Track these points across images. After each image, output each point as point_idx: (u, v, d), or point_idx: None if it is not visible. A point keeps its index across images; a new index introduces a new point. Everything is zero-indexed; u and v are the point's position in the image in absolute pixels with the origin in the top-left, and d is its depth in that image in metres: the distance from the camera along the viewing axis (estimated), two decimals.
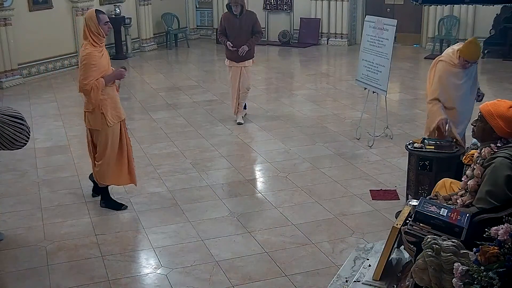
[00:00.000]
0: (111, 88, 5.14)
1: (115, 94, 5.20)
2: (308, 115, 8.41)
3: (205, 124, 7.99)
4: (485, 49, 12.70)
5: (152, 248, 4.64)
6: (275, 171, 6.26)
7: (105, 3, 12.69)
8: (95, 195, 5.56)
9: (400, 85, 10.35)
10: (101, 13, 5.05)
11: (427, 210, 2.99)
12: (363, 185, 5.82)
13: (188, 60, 13.49)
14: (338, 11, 14.24)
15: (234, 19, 7.71)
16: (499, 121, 3.29)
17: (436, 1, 6.69)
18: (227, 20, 7.80)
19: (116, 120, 5.13)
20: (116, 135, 5.17)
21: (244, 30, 7.73)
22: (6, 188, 5.89)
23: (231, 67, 7.94)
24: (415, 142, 5.17)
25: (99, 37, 4.99)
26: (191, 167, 6.38)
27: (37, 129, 7.57)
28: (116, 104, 5.16)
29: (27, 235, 4.91)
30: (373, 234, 4.78)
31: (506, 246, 2.41)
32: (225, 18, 7.85)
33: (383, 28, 6.84)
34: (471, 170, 3.47)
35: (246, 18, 7.78)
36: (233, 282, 4.15)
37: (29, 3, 10.77)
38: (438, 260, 2.58)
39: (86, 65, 4.90)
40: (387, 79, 6.81)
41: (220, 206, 5.39)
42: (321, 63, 12.91)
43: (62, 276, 4.26)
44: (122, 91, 10.14)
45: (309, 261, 4.41)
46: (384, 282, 3.13)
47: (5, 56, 10.23)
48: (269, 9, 15.15)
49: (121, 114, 5.20)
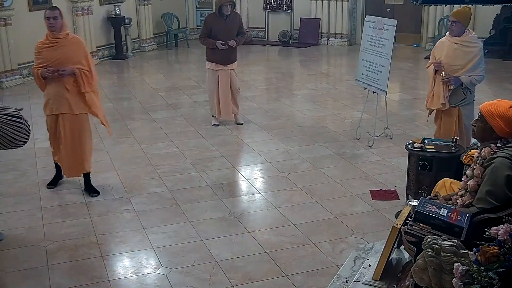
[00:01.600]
0: (53, 81, 5.36)
1: (56, 89, 5.39)
2: (308, 115, 8.41)
3: (205, 124, 7.99)
4: (485, 49, 12.68)
5: (152, 248, 4.64)
6: (275, 171, 6.26)
7: (105, 3, 12.70)
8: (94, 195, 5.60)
9: (400, 85, 10.35)
10: (49, 8, 5.45)
11: (427, 210, 2.99)
12: (363, 185, 5.82)
13: (188, 60, 13.49)
14: (338, 11, 14.25)
15: (221, 20, 7.46)
16: (499, 121, 3.29)
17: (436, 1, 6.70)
18: (213, 22, 7.50)
19: (48, 112, 5.47)
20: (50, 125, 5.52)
21: (232, 32, 7.54)
22: (6, 188, 5.89)
23: (216, 71, 7.64)
24: (415, 142, 5.17)
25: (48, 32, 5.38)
26: (191, 167, 6.39)
27: (37, 129, 7.56)
28: (52, 97, 5.43)
29: (27, 235, 4.91)
30: (373, 234, 4.78)
31: (506, 246, 2.41)
32: (211, 20, 7.55)
33: (383, 28, 6.84)
34: (471, 170, 3.47)
35: (233, 19, 7.58)
36: (233, 282, 4.15)
37: (29, 3, 10.78)
38: (438, 260, 2.58)
39: (34, 53, 5.48)
40: (387, 79, 6.81)
41: (220, 206, 5.39)
42: (321, 63, 12.91)
43: (62, 276, 4.26)
44: (122, 91, 10.25)
45: (309, 261, 4.41)
46: (384, 282, 3.13)
47: (5, 56, 10.24)
48: (269, 9, 15.16)
49: (54, 108, 5.43)
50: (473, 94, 5.52)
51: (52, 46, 5.33)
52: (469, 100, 5.51)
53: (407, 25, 13.74)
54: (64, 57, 5.31)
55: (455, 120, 5.51)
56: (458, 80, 5.38)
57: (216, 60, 7.59)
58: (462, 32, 5.39)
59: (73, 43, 5.41)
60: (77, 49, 5.40)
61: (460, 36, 5.38)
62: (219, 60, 7.57)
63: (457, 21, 5.37)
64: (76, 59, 5.35)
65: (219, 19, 7.46)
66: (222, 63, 7.59)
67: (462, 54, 5.37)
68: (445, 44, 5.50)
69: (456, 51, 5.38)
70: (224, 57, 7.55)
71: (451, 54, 5.41)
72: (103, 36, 12.74)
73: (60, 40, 5.34)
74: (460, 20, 5.36)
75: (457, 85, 5.39)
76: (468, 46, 5.37)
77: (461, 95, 5.46)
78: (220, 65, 7.59)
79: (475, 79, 5.38)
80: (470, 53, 5.36)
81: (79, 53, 5.39)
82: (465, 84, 5.37)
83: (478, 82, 5.46)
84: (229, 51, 7.55)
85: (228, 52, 7.55)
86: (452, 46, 5.42)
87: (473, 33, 5.47)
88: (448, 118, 5.55)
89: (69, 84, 5.36)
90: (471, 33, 5.46)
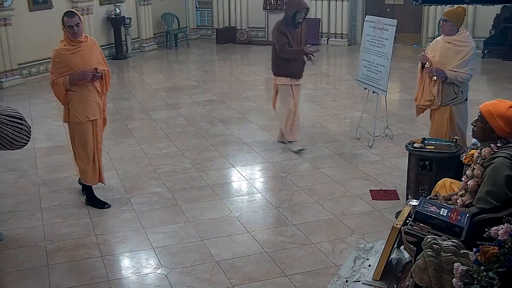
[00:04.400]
0: (82, 86, 5.16)
1: (86, 93, 5.20)
2: (308, 115, 8.41)
3: (205, 124, 7.99)
4: (485, 49, 12.72)
5: (152, 248, 4.64)
6: (275, 171, 6.26)
7: (105, 3, 12.70)
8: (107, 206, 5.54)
9: (400, 85, 10.35)
10: (68, 16, 5.10)
11: (427, 210, 2.99)
12: (363, 185, 5.82)
13: (188, 60, 13.49)
14: (338, 11, 14.25)
15: (293, 29, 6.52)
16: (499, 121, 3.30)
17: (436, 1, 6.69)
18: (289, 31, 6.50)
19: (82, 119, 5.20)
20: (83, 133, 5.25)
21: (303, 40, 6.70)
22: (6, 188, 5.89)
23: (290, 86, 6.65)
24: (415, 142, 5.17)
25: (68, 38, 5.11)
26: (191, 167, 6.39)
27: (37, 129, 7.56)
28: (84, 103, 5.19)
29: (27, 235, 4.90)
30: (373, 234, 4.78)
31: (506, 246, 2.41)
32: (286, 28, 6.50)
33: (383, 28, 6.84)
34: (471, 170, 3.47)
35: (304, 26, 6.71)
36: (233, 282, 4.15)
37: (29, 3, 10.77)
38: (438, 260, 2.58)
39: (51, 61, 5.20)
40: (387, 79, 6.81)
41: (220, 206, 5.39)
42: (321, 63, 12.90)
43: (62, 276, 4.26)
44: (122, 91, 10.25)
45: (309, 261, 4.40)
46: (384, 282, 3.13)
47: (5, 56, 10.23)
48: (269, 9, 15.16)
49: (89, 114, 5.24)
50: (465, 93, 5.46)
51: (75, 52, 5.12)
52: (461, 99, 5.44)
53: (407, 25, 13.74)
54: (88, 61, 5.14)
55: (447, 119, 5.48)
56: (441, 72, 5.37)
57: (291, 74, 6.61)
58: (453, 31, 5.39)
59: (92, 45, 5.28)
60: (97, 51, 5.30)
61: (453, 36, 5.39)
62: (293, 73, 6.62)
63: (447, 20, 5.39)
64: (98, 61, 5.25)
65: (292, 27, 6.52)
66: (297, 76, 6.68)
67: (454, 54, 5.36)
68: (439, 43, 5.52)
69: (448, 50, 5.38)
70: (299, 70, 6.67)
71: (443, 53, 5.41)
72: (103, 36, 12.73)
73: (82, 44, 5.16)
74: (451, 20, 5.36)
75: (440, 77, 5.38)
76: (460, 45, 5.37)
77: (452, 94, 5.42)
78: (294, 79, 6.67)
79: (461, 76, 5.32)
80: (461, 52, 5.34)
81: (99, 54, 5.30)
82: (449, 79, 5.35)
83: (464, 80, 5.38)
84: (303, 62, 6.70)
85: (303, 64, 6.71)
86: (445, 45, 5.43)
87: (467, 33, 5.47)
88: (440, 117, 5.55)
89: (98, 87, 5.26)
90: (465, 32, 5.45)
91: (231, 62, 13.68)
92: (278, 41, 6.51)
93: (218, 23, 15.66)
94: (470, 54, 5.34)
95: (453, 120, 5.47)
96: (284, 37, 6.48)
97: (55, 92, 5.19)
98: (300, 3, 6.57)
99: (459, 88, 5.40)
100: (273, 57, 6.74)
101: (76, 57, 5.10)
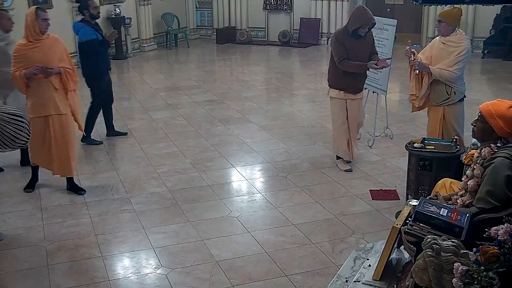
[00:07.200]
0: (37, 82, 5.32)
1: (43, 89, 5.36)
2: (308, 115, 8.41)
3: (205, 124, 7.99)
4: (485, 49, 12.72)
5: (152, 248, 4.64)
6: (275, 171, 6.26)
7: (105, 3, 12.69)
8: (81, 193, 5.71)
9: (400, 85, 10.34)
10: (42, 10, 5.41)
11: (427, 210, 2.99)
12: (363, 185, 5.82)
13: (188, 60, 13.49)
14: (338, 11, 14.26)
15: (356, 41, 5.91)
16: (499, 121, 3.29)
17: (436, 1, 6.67)
18: (348, 42, 5.90)
19: (35, 114, 5.36)
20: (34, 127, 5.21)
21: (367, 52, 6.05)
22: (6, 188, 5.89)
23: (344, 100, 6.07)
24: (415, 142, 5.17)
25: (33, 33, 5.29)
26: (191, 167, 6.38)
27: None
28: (38, 98, 5.37)
29: (27, 235, 4.91)
30: (373, 234, 4.78)
31: (506, 246, 2.41)
32: (345, 40, 5.90)
33: (383, 28, 6.85)
34: (471, 170, 3.47)
35: (368, 37, 6.06)
36: (233, 282, 4.15)
37: (29, 3, 10.76)
38: (438, 260, 2.58)
39: (12, 56, 5.39)
40: (387, 79, 6.81)
41: (220, 206, 5.39)
42: (321, 63, 12.89)
43: (62, 276, 4.26)
44: (122, 91, 10.24)
45: (309, 261, 4.41)
46: (384, 282, 3.13)
47: None
48: (269, 9, 15.16)
49: (44, 110, 5.38)
50: (458, 94, 5.40)
51: (35, 47, 5.32)
52: (454, 100, 5.39)
53: (407, 25, 13.74)
54: (48, 57, 5.34)
55: (440, 119, 5.48)
56: (424, 67, 5.38)
57: (345, 87, 6.01)
58: (448, 32, 5.38)
59: (54, 42, 5.46)
60: (59, 48, 5.48)
61: (448, 36, 5.39)
62: (347, 87, 6.02)
63: (442, 20, 5.39)
64: (61, 58, 5.44)
65: (352, 39, 5.91)
66: (352, 91, 6.06)
67: (446, 54, 5.36)
68: (435, 43, 5.54)
69: (442, 50, 5.39)
70: (356, 83, 6.06)
71: (437, 52, 5.42)
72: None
73: (43, 41, 5.36)
74: (445, 20, 5.36)
75: (422, 70, 5.40)
76: (452, 46, 5.36)
77: (444, 94, 5.40)
78: (349, 94, 6.08)
79: (445, 74, 5.30)
80: (453, 53, 5.34)
81: (61, 52, 5.47)
82: (433, 75, 5.36)
83: (449, 79, 5.31)
84: (363, 76, 6.16)
85: (362, 77, 6.16)
86: (440, 45, 5.45)
87: (462, 33, 5.44)
88: (434, 116, 5.57)
89: (56, 83, 5.39)
90: (461, 33, 5.43)
91: (231, 62, 13.69)
92: (336, 52, 5.97)
93: (218, 23, 15.67)
94: (461, 54, 5.30)
95: (447, 121, 5.45)
96: (342, 49, 5.90)
97: (17, 86, 5.42)
98: (365, 19, 5.86)
99: (452, 88, 5.37)
100: (329, 66, 6.21)
101: (36, 52, 5.29)
